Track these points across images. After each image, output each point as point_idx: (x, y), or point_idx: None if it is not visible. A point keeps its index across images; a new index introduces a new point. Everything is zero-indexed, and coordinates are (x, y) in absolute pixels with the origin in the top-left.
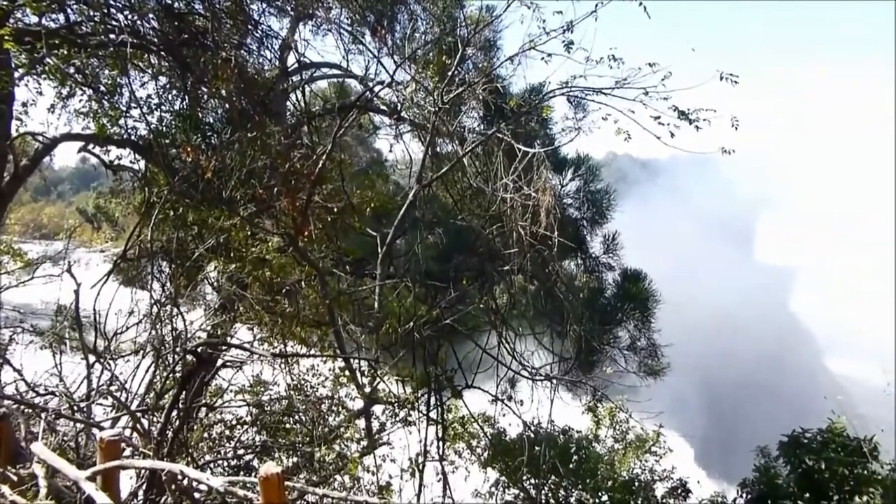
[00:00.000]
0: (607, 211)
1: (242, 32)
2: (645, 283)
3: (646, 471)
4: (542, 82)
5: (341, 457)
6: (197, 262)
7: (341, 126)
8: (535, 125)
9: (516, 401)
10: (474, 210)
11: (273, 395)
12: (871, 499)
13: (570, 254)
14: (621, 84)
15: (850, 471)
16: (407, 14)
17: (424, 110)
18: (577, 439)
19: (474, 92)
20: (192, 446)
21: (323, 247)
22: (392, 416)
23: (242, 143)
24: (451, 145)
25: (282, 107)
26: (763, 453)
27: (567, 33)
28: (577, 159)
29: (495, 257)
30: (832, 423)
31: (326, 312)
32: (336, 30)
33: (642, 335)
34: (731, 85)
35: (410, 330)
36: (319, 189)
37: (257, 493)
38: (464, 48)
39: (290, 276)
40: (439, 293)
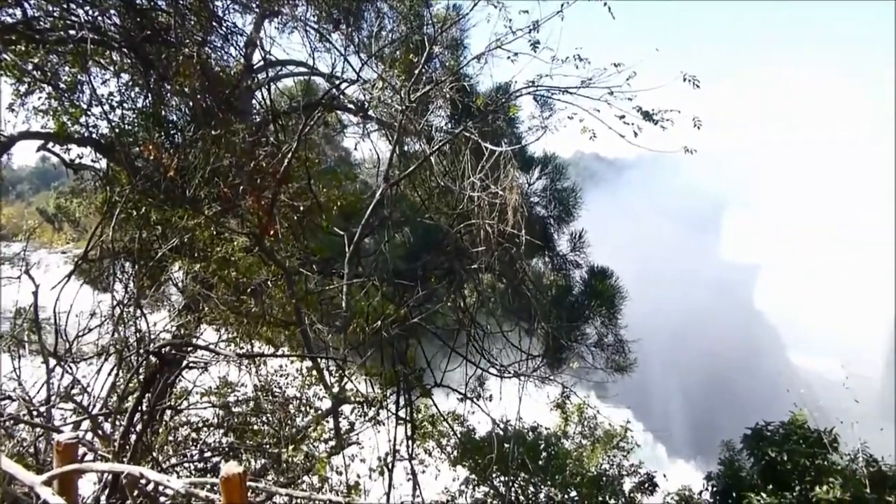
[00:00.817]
0: (574, 209)
1: (206, 29)
2: (611, 280)
3: (614, 466)
4: (509, 81)
5: (309, 457)
6: (161, 262)
7: (307, 124)
8: (502, 124)
9: (485, 399)
10: (442, 209)
11: (240, 397)
12: (832, 488)
13: (538, 252)
14: (587, 83)
15: (811, 462)
16: (374, 12)
17: (391, 108)
18: (546, 436)
19: (441, 90)
20: (157, 449)
21: (290, 246)
22: (361, 416)
23: (206, 141)
24: (418, 144)
25: (247, 105)
26: (728, 446)
27: (533, 33)
28: (544, 158)
29: (463, 256)
30: (794, 415)
31: (293, 312)
32: (302, 27)
33: (609, 332)
34: (693, 87)
35: (378, 329)
36: (285, 188)
37: (220, 493)
38: (430, 46)
39: (256, 276)
40: (407, 292)
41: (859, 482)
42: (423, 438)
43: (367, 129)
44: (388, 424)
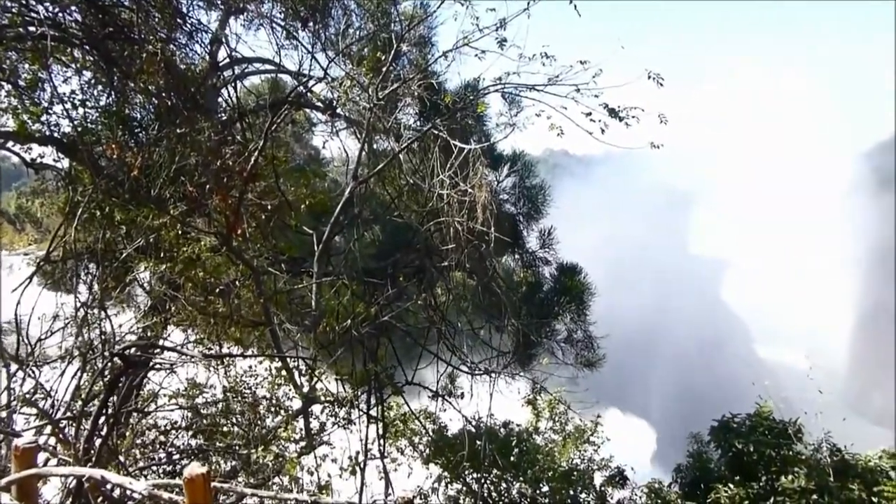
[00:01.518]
0: (542, 206)
1: (171, 25)
2: (580, 276)
3: (585, 460)
4: (477, 79)
5: (279, 458)
6: (126, 262)
7: (273, 122)
8: (470, 121)
9: (456, 396)
10: (412, 206)
11: (209, 398)
12: (796, 478)
13: (508, 249)
14: (554, 81)
15: (777, 452)
16: (341, 9)
17: (360, 106)
18: (518, 432)
19: (410, 88)
20: (123, 453)
21: (258, 245)
22: (332, 416)
23: (171, 139)
24: (387, 142)
25: (213, 103)
26: (696, 439)
27: (500, 30)
28: (513, 155)
29: (433, 253)
30: (759, 407)
31: (262, 312)
32: (268, 24)
33: (578, 327)
34: (658, 85)
35: (348, 328)
36: (253, 186)
37: (184, 495)
38: (398, 44)
39: (224, 276)
40: (378, 290)
41: (823, 471)
42: (395, 437)
43: (336, 126)
44: (359, 424)
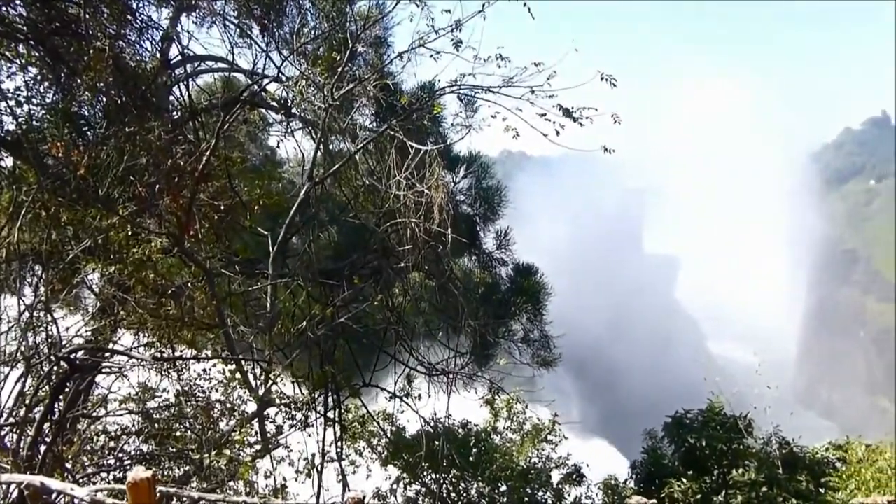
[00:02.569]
0: (499, 207)
1: (120, 22)
2: (536, 276)
3: (542, 459)
4: (433, 80)
5: (233, 462)
6: (73, 264)
7: (225, 121)
8: (427, 122)
9: (414, 397)
10: (368, 207)
11: (161, 402)
12: (747, 471)
13: (465, 250)
14: (509, 83)
15: (728, 446)
16: (295, 8)
17: (315, 106)
18: (476, 432)
19: (365, 88)
20: (70, 460)
21: (211, 246)
22: (289, 418)
23: (120, 138)
24: (343, 142)
25: (164, 101)
26: (650, 435)
27: (455, 32)
28: (469, 156)
29: (390, 254)
30: (711, 402)
31: (215, 314)
32: (221, 22)
33: (535, 327)
34: (611, 86)
35: (304, 330)
36: (205, 187)
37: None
38: (354, 44)
39: (176, 278)
40: (334, 292)
41: (773, 464)
42: (354, 439)
43: (291, 127)
44: (316, 426)
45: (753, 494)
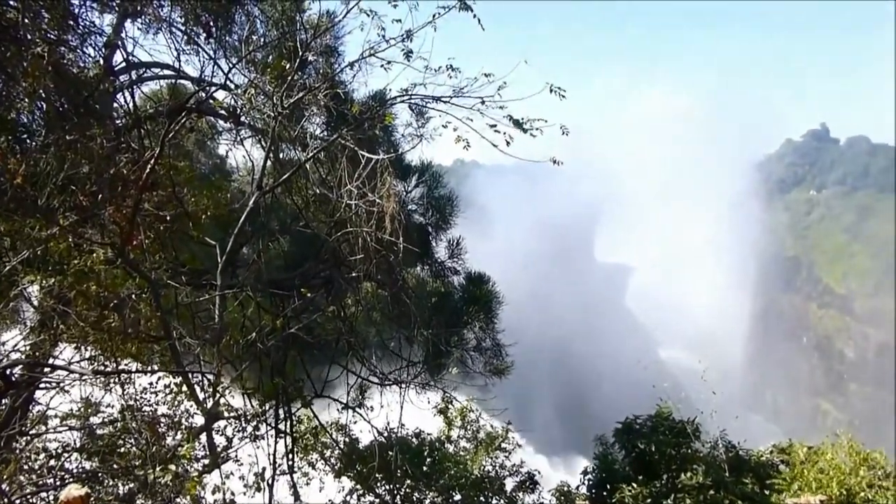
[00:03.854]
0: (451, 216)
1: (61, 27)
2: (488, 285)
3: (496, 467)
4: (384, 89)
5: (179, 477)
6: (10, 276)
7: (170, 129)
8: (378, 132)
9: (367, 408)
10: (320, 217)
11: (105, 418)
12: (695, 474)
13: (418, 259)
14: (459, 93)
15: (677, 451)
16: (244, 15)
17: (264, 115)
18: (430, 441)
19: (316, 97)
20: (6, 480)
21: (157, 257)
22: (239, 431)
23: (61, 146)
24: (294, 151)
25: (107, 108)
26: (601, 441)
27: (406, 42)
28: (421, 166)
29: (342, 264)
30: (660, 408)
31: (161, 326)
32: (167, 28)
33: (487, 336)
34: (560, 98)
35: (254, 341)
36: (150, 196)
37: None
38: (303, 52)
39: (119, 290)
40: (285, 302)
41: (720, 468)
42: (306, 451)
43: (240, 135)
44: (267, 438)
45: (701, 497)
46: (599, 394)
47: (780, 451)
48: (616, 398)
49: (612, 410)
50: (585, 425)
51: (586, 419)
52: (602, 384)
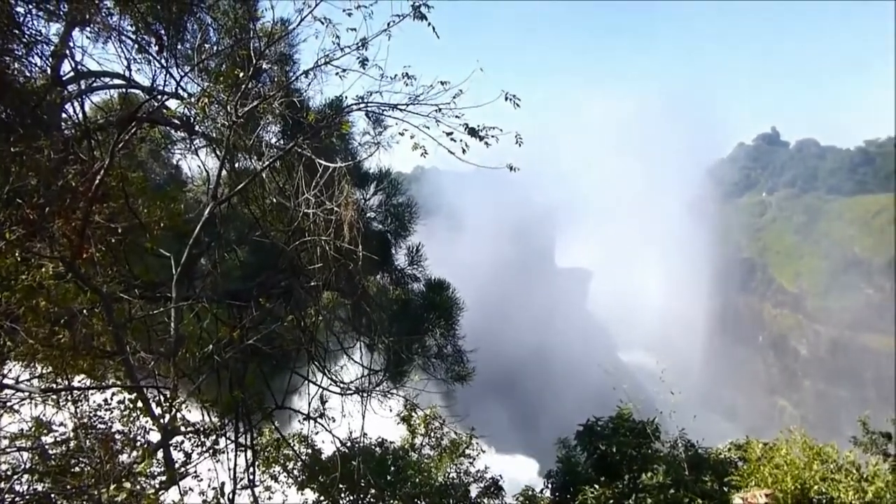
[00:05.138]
0: (410, 224)
1: (5, 36)
2: (448, 291)
3: (461, 474)
4: (340, 97)
5: (134, 495)
6: None
7: (120, 139)
8: (335, 140)
9: (328, 418)
10: (277, 226)
11: (58, 437)
12: (655, 474)
13: (378, 267)
14: (415, 101)
15: (638, 451)
16: (196, 24)
17: (218, 124)
18: (394, 450)
19: (271, 106)
20: None
21: (109, 270)
22: (199, 446)
23: (6, 158)
24: (249, 160)
25: (55, 119)
26: (564, 444)
27: (362, 50)
28: (380, 173)
29: (301, 273)
30: (620, 409)
31: (114, 341)
32: (117, 37)
33: (448, 342)
34: (514, 106)
35: (211, 353)
36: (100, 208)
37: None
38: (257, 60)
39: (70, 305)
40: (244, 313)
41: (679, 467)
42: (268, 464)
43: (195, 144)
44: (227, 453)
45: (662, 497)
46: (562, 397)
47: (737, 449)
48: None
49: (576, 413)
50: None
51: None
52: (565, 387)
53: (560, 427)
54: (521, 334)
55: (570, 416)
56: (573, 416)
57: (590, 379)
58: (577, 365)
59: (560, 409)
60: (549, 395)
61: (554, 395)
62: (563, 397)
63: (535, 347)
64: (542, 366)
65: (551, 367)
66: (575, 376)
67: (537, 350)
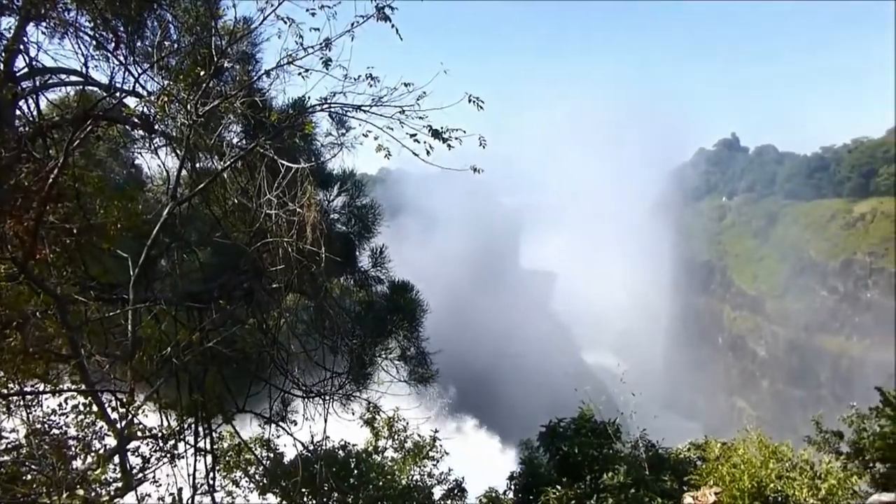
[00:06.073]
0: (373, 225)
1: None
2: (412, 293)
3: (424, 476)
4: (303, 97)
5: (89, 502)
6: None
7: (75, 137)
8: (298, 141)
9: (290, 421)
10: (239, 227)
11: (8, 444)
12: (616, 474)
13: (341, 269)
14: (378, 102)
15: (599, 452)
16: (156, 20)
17: (179, 123)
18: (357, 453)
19: (232, 105)
20: None
21: (64, 271)
22: (157, 451)
23: None
24: (211, 161)
25: (8, 116)
26: (526, 446)
27: (325, 50)
28: (343, 175)
29: (263, 275)
30: (582, 410)
31: (69, 344)
32: (73, 33)
33: (412, 344)
34: (478, 109)
35: (170, 356)
36: (54, 208)
37: None
38: (219, 59)
39: (23, 307)
40: (203, 315)
41: (640, 466)
42: (229, 469)
43: (155, 143)
44: (187, 457)
45: (623, 496)
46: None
47: (696, 449)
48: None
49: (539, 414)
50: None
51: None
52: (529, 389)
53: (524, 428)
54: (485, 336)
55: (534, 418)
56: (537, 417)
57: (553, 380)
58: (542, 366)
59: (524, 410)
60: (514, 396)
61: (518, 396)
62: (528, 398)
63: (499, 349)
64: (507, 368)
65: (516, 369)
66: (539, 378)
67: (501, 352)
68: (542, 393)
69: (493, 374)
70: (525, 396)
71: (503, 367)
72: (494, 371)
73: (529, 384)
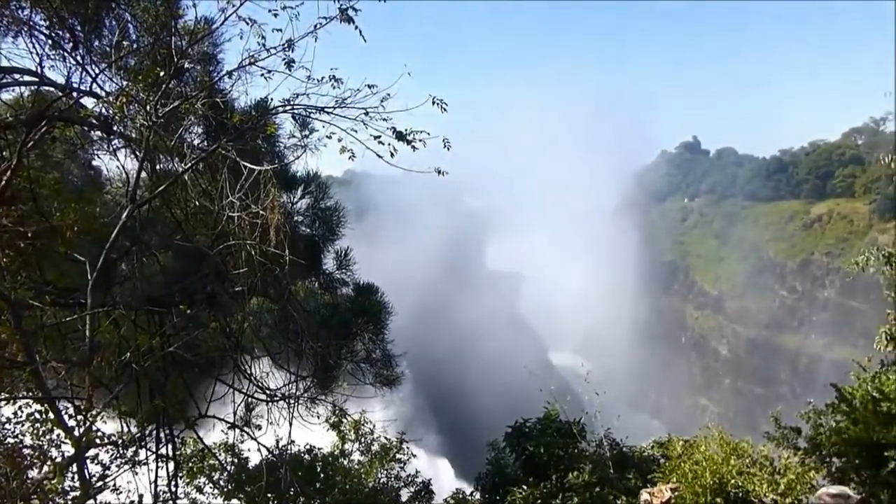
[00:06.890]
0: (338, 228)
1: None
2: (377, 296)
3: (391, 478)
4: (266, 99)
5: None
6: None
7: (29, 138)
8: (260, 142)
9: (254, 426)
10: (201, 230)
11: None
12: (581, 473)
13: (306, 272)
14: (343, 104)
15: (565, 451)
16: (115, 20)
17: (138, 124)
18: (323, 457)
19: (193, 106)
20: None
21: (18, 276)
22: (117, 458)
23: None
24: (172, 162)
25: None
26: (493, 446)
27: (288, 51)
28: (307, 177)
29: (225, 278)
30: (548, 411)
31: (23, 350)
32: (28, 32)
33: (377, 347)
34: (441, 111)
35: (129, 361)
36: (8, 210)
37: None
38: (179, 59)
39: None
40: (165, 319)
41: (605, 465)
42: (192, 475)
43: (113, 145)
44: (149, 464)
45: (588, 495)
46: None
47: (659, 447)
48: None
49: (506, 414)
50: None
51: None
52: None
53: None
54: (451, 338)
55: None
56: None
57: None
58: (508, 366)
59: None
60: (480, 397)
61: (485, 396)
62: (493, 399)
63: (465, 351)
64: (473, 368)
65: (482, 370)
66: (505, 378)
67: (468, 353)
68: (507, 393)
69: (459, 375)
70: (491, 397)
71: (470, 369)
72: (460, 373)
73: (495, 384)
